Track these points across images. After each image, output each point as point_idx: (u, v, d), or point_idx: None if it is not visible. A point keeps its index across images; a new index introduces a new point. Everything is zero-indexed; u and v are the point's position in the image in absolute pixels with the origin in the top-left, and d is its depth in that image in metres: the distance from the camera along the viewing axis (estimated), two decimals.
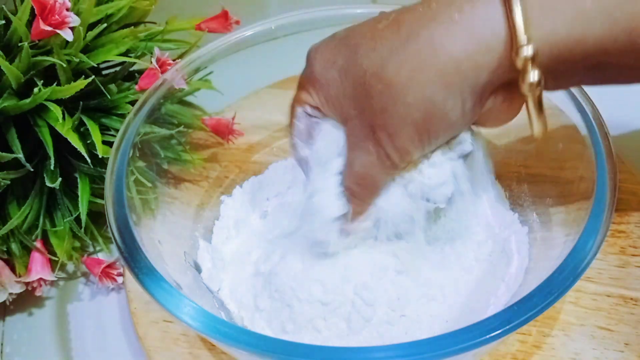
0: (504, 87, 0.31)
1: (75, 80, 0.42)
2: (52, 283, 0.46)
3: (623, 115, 0.52)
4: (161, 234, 0.39)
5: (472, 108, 0.32)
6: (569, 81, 0.33)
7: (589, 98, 0.38)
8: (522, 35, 0.28)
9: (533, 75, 0.29)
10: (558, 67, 0.30)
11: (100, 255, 0.48)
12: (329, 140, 0.37)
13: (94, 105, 0.45)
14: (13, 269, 0.44)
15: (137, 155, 0.41)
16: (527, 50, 0.28)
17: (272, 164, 0.49)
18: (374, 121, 0.32)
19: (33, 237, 0.44)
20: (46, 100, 0.41)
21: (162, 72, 0.44)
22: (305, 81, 0.36)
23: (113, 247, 0.47)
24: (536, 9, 0.28)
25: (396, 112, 0.31)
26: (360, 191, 0.35)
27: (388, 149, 0.33)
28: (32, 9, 0.39)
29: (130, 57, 0.45)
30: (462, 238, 0.41)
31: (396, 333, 0.37)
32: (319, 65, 0.35)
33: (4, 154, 0.41)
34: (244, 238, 0.44)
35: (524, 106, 0.32)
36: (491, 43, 0.29)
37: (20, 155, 0.41)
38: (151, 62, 0.44)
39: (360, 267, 0.38)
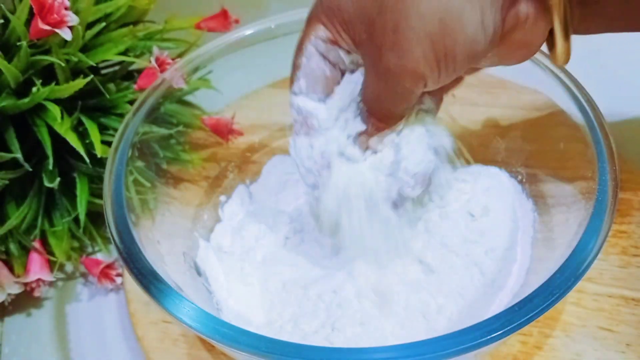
0: (528, 2, 0.29)
1: (73, 80, 0.42)
2: (51, 283, 0.46)
3: (625, 114, 0.52)
4: (160, 234, 0.39)
5: (493, 21, 0.29)
6: (597, 17, 0.31)
7: (591, 98, 0.38)
8: None
9: None
10: None
11: (99, 256, 0.47)
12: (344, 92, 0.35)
13: (93, 104, 0.45)
14: (11, 270, 0.43)
15: (136, 155, 0.40)
16: None
17: (269, 160, 0.49)
18: (384, 41, 0.30)
19: (31, 237, 0.44)
20: (45, 99, 0.41)
21: (161, 72, 0.44)
22: (316, 13, 0.34)
23: (112, 247, 0.47)
24: None
25: (408, 26, 0.29)
26: (377, 121, 0.34)
27: (398, 72, 0.30)
28: (31, 8, 0.39)
29: (129, 56, 0.45)
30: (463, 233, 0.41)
31: (396, 334, 0.37)
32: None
33: (2, 153, 0.40)
34: (245, 238, 0.44)
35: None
36: None
37: (19, 155, 0.41)
38: (150, 62, 0.44)
39: (366, 268, 0.38)
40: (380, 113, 0.34)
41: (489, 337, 0.28)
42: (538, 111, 0.43)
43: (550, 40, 0.31)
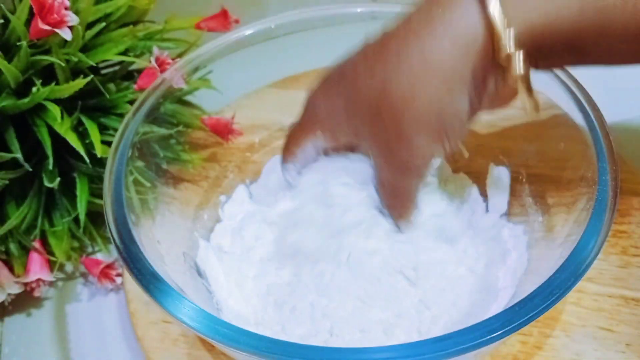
0: (498, 67, 0.32)
1: (73, 80, 0.42)
2: (51, 283, 0.46)
3: (625, 114, 0.52)
4: (160, 234, 0.39)
5: (479, 95, 0.32)
6: (555, 62, 0.34)
7: (591, 98, 0.38)
8: (501, 33, 0.29)
9: (518, 67, 0.30)
10: (540, 50, 0.30)
11: (99, 256, 0.47)
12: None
13: (93, 104, 0.45)
14: (11, 270, 0.43)
15: (136, 155, 0.40)
16: (508, 46, 0.29)
17: (269, 160, 0.49)
18: (389, 135, 0.34)
19: (31, 237, 0.44)
20: (45, 99, 0.41)
21: (161, 72, 0.44)
22: (312, 122, 0.38)
23: (112, 247, 0.47)
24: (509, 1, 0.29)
25: (409, 127, 0.33)
26: (397, 204, 0.37)
27: (407, 157, 0.34)
28: (31, 8, 0.39)
29: (129, 56, 0.45)
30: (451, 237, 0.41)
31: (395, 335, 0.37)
32: (324, 106, 0.37)
33: (2, 153, 0.40)
34: (245, 238, 0.44)
35: None
36: (476, 41, 0.30)
37: (19, 155, 0.41)
38: (150, 61, 0.44)
39: (364, 269, 0.38)
40: (399, 193, 0.37)
41: (489, 337, 0.28)
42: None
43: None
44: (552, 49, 0.31)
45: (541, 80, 0.39)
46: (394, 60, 0.32)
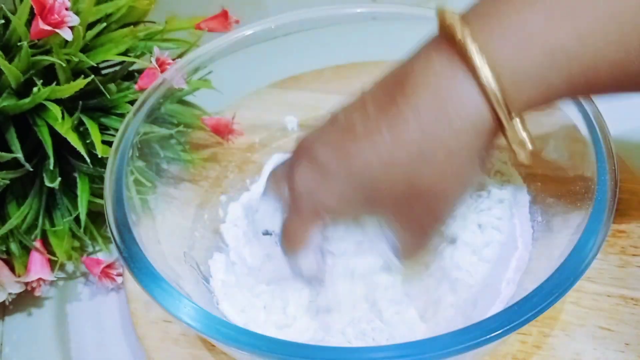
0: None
1: (74, 80, 0.42)
2: (52, 283, 0.46)
3: (624, 114, 0.52)
4: (161, 233, 0.39)
5: (490, 152, 0.34)
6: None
7: (590, 98, 0.38)
8: (502, 112, 0.30)
9: (528, 144, 0.32)
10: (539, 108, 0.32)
11: (100, 255, 0.48)
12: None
13: (94, 104, 0.45)
14: (12, 269, 0.44)
15: (137, 155, 0.40)
16: (517, 131, 0.31)
17: (269, 160, 0.49)
18: (421, 220, 0.34)
19: (32, 237, 0.44)
20: (45, 99, 0.41)
21: (162, 72, 0.44)
22: (313, 214, 0.35)
23: (112, 247, 0.47)
24: (507, 79, 0.29)
25: (441, 206, 0.34)
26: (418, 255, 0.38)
27: (438, 227, 0.35)
28: (32, 9, 0.39)
29: (130, 56, 0.45)
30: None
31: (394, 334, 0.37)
32: (328, 192, 0.34)
33: (3, 153, 0.41)
34: (247, 238, 0.44)
35: None
36: (485, 122, 0.31)
37: (20, 155, 0.41)
38: (151, 62, 0.44)
39: (366, 270, 0.38)
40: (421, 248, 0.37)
41: (488, 336, 0.28)
42: (537, 111, 0.43)
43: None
44: (547, 106, 0.32)
45: None
46: (416, 154, 0.32)
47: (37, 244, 0.44)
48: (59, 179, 0.43)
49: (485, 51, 0.29)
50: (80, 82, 0.41)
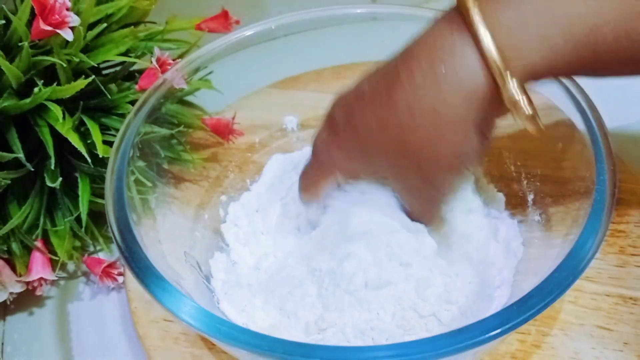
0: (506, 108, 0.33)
1: (75, 80, 0.42)
2: (53, 282, 0.46)
3: (623, 114, 0.52)
4: (161, 233, 0.40)
5: (491, 128, 0.34)
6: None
7: (589, 98, 0.38)
8: (503, 85, 0.30)
9: (525, 109, 0.31)
10: (544, 79, 0.32)
11: (101, 255, 0.48)
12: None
13: (94, 105, 0.45)
14: (14, 269, 0.44)
15: (138, 155, 0.41)
16: (514, 94, 0.31)
17: (269, 160, 0.50)
18: (413, 180, 0.36)
19: (33, 236, 0.44)
20: (46, 100, 0.41)
21: (162, 72, 0.44)
22: (328, 167, 0.39)
23: (113, 246, 0.47)
24: (507, 47, 0.30)
25: (430, 168, 0.35)
26: (427, 221, 0.39)
27: (433, 193, 0.37)
28: (32, 9, 0.39)
29: (131, 56, 0.45)
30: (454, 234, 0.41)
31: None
32: (337, 152, 0.37)
33: (4, 153, 0.41)
34: (247, 238, 0.44)
35: None
36: (482, 90, 0.31)
37: (21, 155, 0.41)
38: (151, 62, 0.44)
39: (366, 265, 0.38)
40: (427, 214, 0.40)
41: (487, 335, 0.28)
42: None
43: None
44: (552, 77, 0.33)
45: (540, 81, 0.40)
46: (406, 115, 0.33)
47: (39, 243, 0.44)
48: (60, 179, 0.43)
49: (484, 13, 0.30)
50: (81, 83, 0.41)
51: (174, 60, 0.45)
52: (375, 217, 0.39)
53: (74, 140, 0.42)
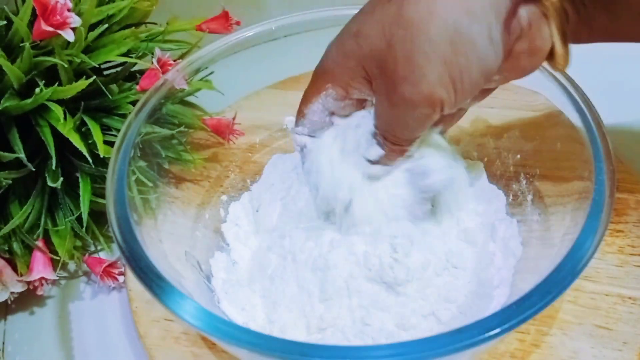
0: (527, 8, 0.31)
1: (76, 81, 0.42)
2: (54, 282, 0.47)
3: (621, 114, 0.52)
4: (162, 233, 0.40)
5: (500, 33, 0.30)
6: (592, 22, 0.32)
7: (587, 98, 0.39)
8: None
9: None
10: None
11: (102, 255, 0.48)
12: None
13: (96, 105, 0.45)
14: (15, 268, 0.44)
15: (138, 155, 0.41)
16: None
17: (269, 160, 0.50)
18: (397, 72, 0.31)
19: (35, 236, 0.44)
20: (48, 100, 0.41)
21: (163, 73, 0.44)
22: (323, 71, 0.36)
23: (114, 246, 0.48)
24: None
25: (420, 53, 0.30)
26: (393, 146, 0.36)
27: (411, 91, 0.31)
28: (34, 10, 0.40)
29: (132, 57, 0.45)
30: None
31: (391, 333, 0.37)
32: (335, 55, 0.35)
33: (5, 153, 0.41)
34: (248, 238, 0.45)
35: None
36: None
37: (22, 155, 0.41)
38: (152, 63, 0.44)
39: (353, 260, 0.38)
40: (397, 139, 0.35)
41: (486, 335, 0.28)
42: (535, 112, 0.43)
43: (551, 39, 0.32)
44: None
45: (539, 81, 0.40)
46: (392, 13, 0.31)
47: (40, 243, 0.44)
48: (61, 179, 0.43)
49: None
50: (82, 83, 0.42)
51: (174, 60, 0.45)
52: (378, 210, 0.39)
53: (75, 140, 0.42)
